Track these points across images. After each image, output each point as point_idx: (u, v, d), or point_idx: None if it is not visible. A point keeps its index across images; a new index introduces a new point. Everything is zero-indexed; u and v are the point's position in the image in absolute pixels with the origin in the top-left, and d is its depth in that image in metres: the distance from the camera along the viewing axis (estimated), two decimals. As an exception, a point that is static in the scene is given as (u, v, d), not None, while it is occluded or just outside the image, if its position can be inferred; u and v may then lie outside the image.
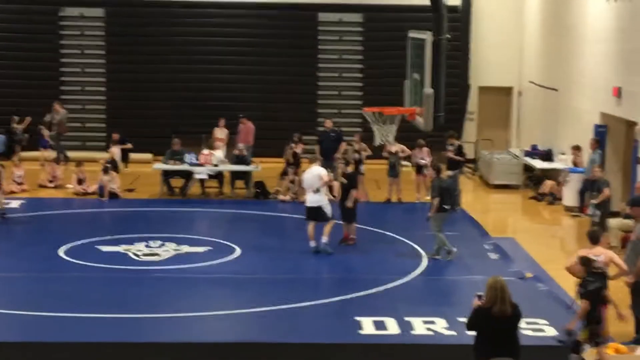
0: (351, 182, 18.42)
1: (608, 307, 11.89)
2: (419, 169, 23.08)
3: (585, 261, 11.80)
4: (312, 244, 17.66)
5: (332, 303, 14.64)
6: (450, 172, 18.91)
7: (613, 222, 18.31)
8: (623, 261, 12.84)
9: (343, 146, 23.95)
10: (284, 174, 23.73)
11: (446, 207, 17.46)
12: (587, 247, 12.70)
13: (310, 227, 17.78)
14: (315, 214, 17.74)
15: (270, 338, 12.93)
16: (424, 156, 23.01)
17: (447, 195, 17.57)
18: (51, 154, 27.12)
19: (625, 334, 12.86)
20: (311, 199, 17.77)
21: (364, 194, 22.53)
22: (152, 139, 28.78)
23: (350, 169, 18.84)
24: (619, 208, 19.30)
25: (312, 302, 14.51)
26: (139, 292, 15.07)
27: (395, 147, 22.77)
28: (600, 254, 12.45)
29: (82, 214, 21.80)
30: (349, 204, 18.21)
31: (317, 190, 17.69)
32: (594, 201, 19.04)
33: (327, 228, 17.73)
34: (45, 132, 27.67)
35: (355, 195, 18.46)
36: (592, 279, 11.64)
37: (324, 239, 17.65)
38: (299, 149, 24.22)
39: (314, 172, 17.84)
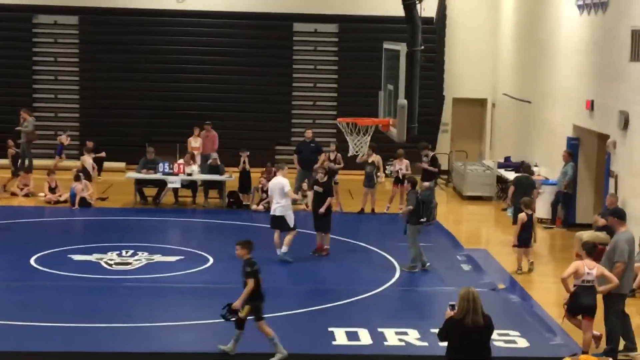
0: (327, 190, 18.44)
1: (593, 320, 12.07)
2: (397, 179, 23.09)
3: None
4: (279, 252, 17.75)
5: (305, 313, 14.62)
6: (426, 184, 18.95)
7: (585, 234, 18.41)
8: None
9: (322, 157, 23.90)
10: (246, 189, 23.73)
11: (422, 220, 17.47)
12: (580, 259, 12.78)
13: (276, 235, 17.91)
14: (278, 223, 17.81)
15: (243, 348, 12.87)
16: (402, 167, 23.03)
17: (424, 207, 17.57)
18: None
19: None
20: (274, 208, 17.87)
21: (337, 203, 22.57)
22: (126, 147, 28.68)
23: (325, 178, 18.81)
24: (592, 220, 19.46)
25: (286, 313, 14.47)
26: (111, 302, 14.98)
27: (373, 158, 22.81)
28: (593, 267, 12.51)
29: (54, 222, 21.65)
30: (322, 210, 18.22)
31: (280, 200, 17.74)
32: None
33: (289, 237, 17.81)
34: (64, 139, 27.33)
35: (331, 202, 18.46)
36: (255, 261, 12.39)
37: (284, 248, 17.76)
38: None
39: (277, 183, 17.95)
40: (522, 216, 17.74)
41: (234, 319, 12.35)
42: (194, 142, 26.02)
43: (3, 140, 27.61)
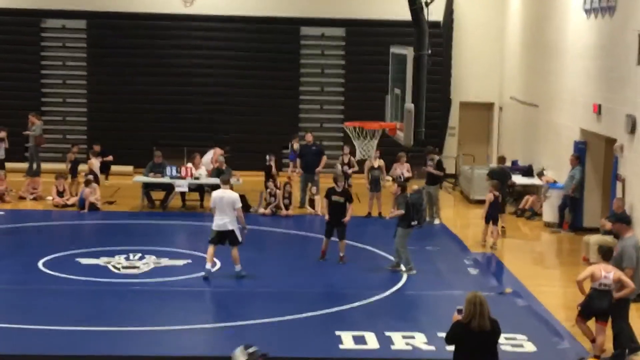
0: (347, 198, 18.32)
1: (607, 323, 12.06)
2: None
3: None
4: (208, 266, 16.66)
5: (312, 317, 14.61)
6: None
7: (592, 238, 18.40)
8: None
9: (324, 160, 23.93)
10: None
11: (413, 223, 17.41)
12: (598, 263, 12.75)
13: (212, 249, 16.74)
14: (225, 237, 16.71)
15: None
16: (404, 171, 23.08)
17: (414, 210, 17.49)
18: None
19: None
20: (221, 223, 16.63)
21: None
22: (133, 151, 28.76)
23: (342, 186, 18.60)
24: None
25: (293, 316, 14.48)
26: (118, 305, 15.01)
27: (377, 162, 22.86)
28: (610, 271, 12.48)
29: (62, 226, 21.70)
30: (347, 219, 18.13)
31: (231, 215, 16.67)
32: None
33: (236, 253, 16.79)
34: (296, 145, 26.29)
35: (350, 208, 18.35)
36: None
37: (238, 266, 16.75)
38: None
39: (228, 197, 16.69)
40: (489, 196, 20.10)
41: None
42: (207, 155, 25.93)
43: (13, 144, 27.64)
